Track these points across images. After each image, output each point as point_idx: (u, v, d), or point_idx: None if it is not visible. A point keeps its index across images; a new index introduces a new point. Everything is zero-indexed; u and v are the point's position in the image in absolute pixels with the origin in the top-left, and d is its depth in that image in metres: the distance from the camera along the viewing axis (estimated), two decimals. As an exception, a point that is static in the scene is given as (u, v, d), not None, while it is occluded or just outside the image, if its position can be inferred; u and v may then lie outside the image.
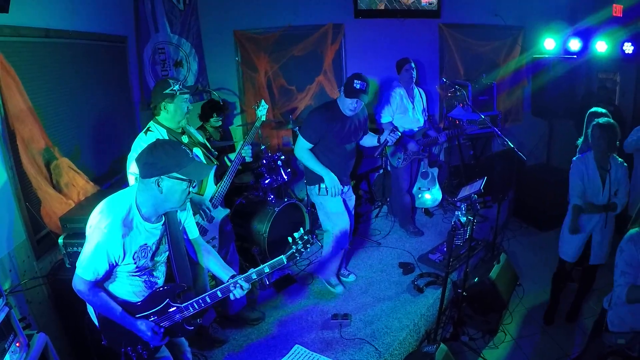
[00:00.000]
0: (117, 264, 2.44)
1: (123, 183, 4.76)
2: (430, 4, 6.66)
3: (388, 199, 6.61)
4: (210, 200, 3.70)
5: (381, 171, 6.95)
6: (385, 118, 5.60)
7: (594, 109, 4.60)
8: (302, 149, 4.22)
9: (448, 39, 6.92)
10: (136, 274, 2.56)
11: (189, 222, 2.84)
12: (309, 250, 2.66)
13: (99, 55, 4.78)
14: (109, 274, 2.48)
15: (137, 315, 2.57)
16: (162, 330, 2.60)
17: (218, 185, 3.77)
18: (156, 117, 3.48)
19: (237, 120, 6.92)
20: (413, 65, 5.53)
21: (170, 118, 3.45)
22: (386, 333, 4.09)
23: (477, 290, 4.37)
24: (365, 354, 3.84)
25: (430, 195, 6.16)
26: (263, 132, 6.45)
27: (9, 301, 2.57)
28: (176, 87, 3.40)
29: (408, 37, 6.83)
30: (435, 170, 6.11)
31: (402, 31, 6.81)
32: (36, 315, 3.31)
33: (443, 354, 3.44)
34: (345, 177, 4.46)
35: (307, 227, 5.46)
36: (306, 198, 6.26)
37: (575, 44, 6.38)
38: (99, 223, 2.38)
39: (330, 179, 4.19)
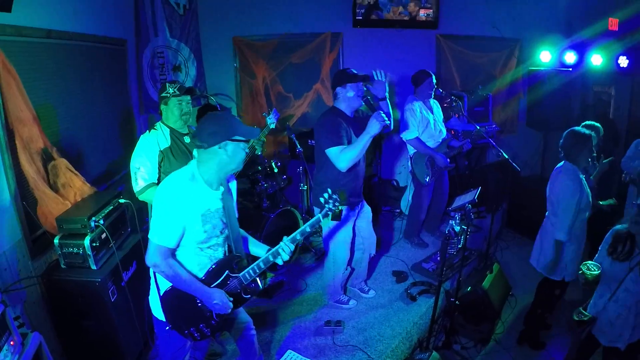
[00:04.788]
0: (186, 228, 2.56)
1: (120, 185, 4.79)
2: (427, 15, 6.71)
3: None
4: None
5: (376, 179, 6.98)
6: (411, 133, 5.28)
7: (588, 123, 4.62)
8: (344, 153, 3.76)
9: (445, 49, 6.97)
10: (204, 245, 2.68)
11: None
12: (337, 205, 2.76)
13: (98, 58, 4.81)
14: (180, 239, 2.59)
15: None
16: (231, 298, 2.74)
17: None
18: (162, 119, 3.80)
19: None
20: (434, 78, 5.33)
21: (168, 118, 3.77)
22: (379, 340, 4.10)
23: (469, 300, 4.39)
24: (357, 361, 3.85)
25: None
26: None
27: (4, 299, 2.57)
28: (170, 91, 3.71)
29: (406, 47, 6.88)
30: None
31: (400, 41, 6.85)
32: (30, 315, 3.30)
33: (435, 361, 3.46)
34: (359, 196, 4.27)
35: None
36: (301, 205, 6.29)
37: (570, 57, 6.44)
38: (164, 188, 2.55)
39: None
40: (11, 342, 2.45)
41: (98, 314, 3.39)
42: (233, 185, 2.93)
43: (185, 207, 2.51)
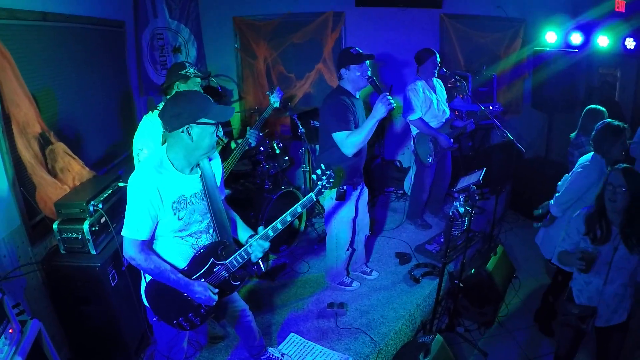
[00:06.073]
0: (158, 218, 2.46)
1: (120, 168, 4.76)
2: (431, -7, 6.60)
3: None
4: None
5: (379, 160, 6.93)
6: (415, 114, 5.17)
7: (593, 107, 4.52)
8: (350, 138, 3.72)
9: (449, 29, 6.86)
10: (183, 234, 2.57)
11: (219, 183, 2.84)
12: (332, 182, 2.70)
13: (96, 40, 4.73)
14: (154, 230, 2.50)
15: None
16: (216, 290, 2.66)
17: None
18: (167, 97, 3.62)
19: (235, 107, 6.87)
20: (438, 57, 5.23)
21: None
22: (382, 323, 4.09)
23: (473, 282, 4.37)
24: (360, 344, 3.84)
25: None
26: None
27: (1, 287, 2.55)
28: (191, 70, 3.66)
29: (409, 26, 6.77)
30: None
31: (403, 20, 6.74)
32: (30, 302, 3.29)
33: (439, 344, 3.44)
34: (361, 175, 4.26)
35: (304, 217, 5.43)
36: (303, 186, 6.26)
37: (576, 38, 6.32)
38: (131, 180, 2.41)
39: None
40: (10, 330, 2.43)
41: (98, 299, 3.36)
42: (216, 163, 2.77)
43: (152, 197, 2.37)
